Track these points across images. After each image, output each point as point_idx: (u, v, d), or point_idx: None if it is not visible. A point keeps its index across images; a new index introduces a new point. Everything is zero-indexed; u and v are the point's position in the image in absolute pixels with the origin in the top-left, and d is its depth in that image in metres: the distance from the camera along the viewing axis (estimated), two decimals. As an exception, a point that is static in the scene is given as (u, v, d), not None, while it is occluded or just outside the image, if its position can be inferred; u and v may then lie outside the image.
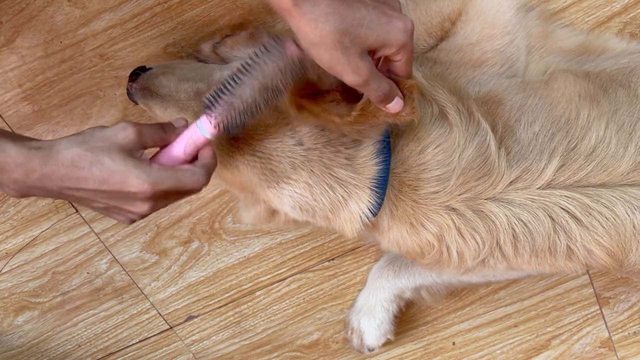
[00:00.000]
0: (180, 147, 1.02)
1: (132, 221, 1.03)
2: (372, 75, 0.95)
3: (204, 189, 1.48)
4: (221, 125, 1.01)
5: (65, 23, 1.36)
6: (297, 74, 1.01)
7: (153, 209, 0.99)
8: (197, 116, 1.19)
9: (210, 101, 1.02)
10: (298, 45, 0.97)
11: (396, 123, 1.10)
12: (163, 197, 0.98)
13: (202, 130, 1.02)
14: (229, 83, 1.01)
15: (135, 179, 0.94)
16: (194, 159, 1.04)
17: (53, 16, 1.35)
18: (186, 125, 1.04)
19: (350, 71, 0.94)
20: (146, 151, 1.01)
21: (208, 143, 1.04)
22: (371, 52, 0.96)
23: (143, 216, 1.00)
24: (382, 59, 1.01)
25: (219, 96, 1.01)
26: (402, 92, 1.01)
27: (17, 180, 0.92)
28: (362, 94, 1.01)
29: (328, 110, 1.04)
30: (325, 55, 0.93)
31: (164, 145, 1.03)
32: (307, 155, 1.12)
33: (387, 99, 0.99)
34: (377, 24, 0.92)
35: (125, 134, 0.96)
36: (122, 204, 0.98)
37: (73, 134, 0.97)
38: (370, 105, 1.01)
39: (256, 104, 1.01)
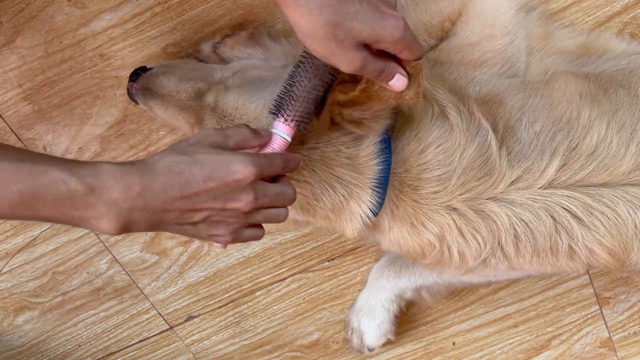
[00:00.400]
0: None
1: (234, 236, 0.99)
2: (368, 61, 0.95)
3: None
4: (299, 124, 1.04)
5: (65, 23, 1.36)
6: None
7: (256, 201, 0.95)
8: (199, 117, 1.20)
9: (276, 107, 1.05)
10: None
11: (402, 106, 1.10)
12: (262, 189, 0.96)
13: (281, 134, 1.04)
14: (285, 88, 1.04)
15: (238, 163, 0.92)
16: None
17: (53, 16, 1.35)
18: (269, 135, 1.04)
19: (344, 61, 0.94)
20: None
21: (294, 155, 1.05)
22: (367, 46, 0.96)
23: (251, 208, 0.96)
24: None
25: (281, 99, 1.04)
26: (406, 72, 1.00)
27: (117, 200, 0.88)
28: None
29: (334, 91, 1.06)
30: (319, 46, 0.94)
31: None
32: (308, 154, 1.12)
33: (387, 76, 0.99)
34: (371, 19, 0.92)
35: (211, 134, 0.96)
36: (227, 202, 0.94)
37: (164, 149, 0.95)
38: (375, 86, 1.02)
39: (316, 90, 1.04)
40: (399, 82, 1.00)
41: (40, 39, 1.37)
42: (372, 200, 1.14)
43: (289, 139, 1.05)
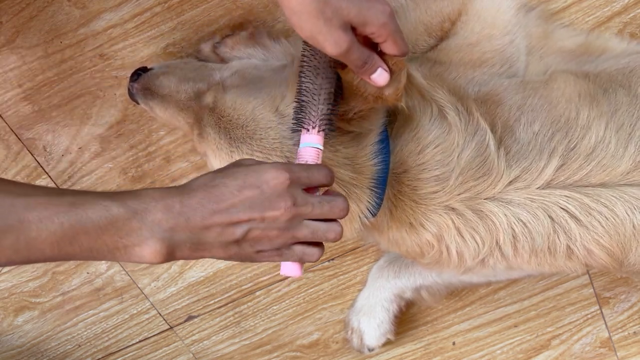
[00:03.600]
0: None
1: (280, 252, 0.95)
2: (354, 45, 0.95)
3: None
4: (326, 129, 1.03)
5: (65, 23, 1.36)
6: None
7: (295, 208, 0.91)
8: (198, 117, 1.20)
9: (295, 123, 1.03)
10: None
11: (385, 106, 1.10)
12: (304, 198, 0.92)
13: (311, 145, 1.02)
14: (295, 100, 1.04)
15: (271, 170, 0.90)
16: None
17: (53, 16, 1.35)
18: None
19: (331, 41, 0.94)
20: None
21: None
22: (354, 29, 0.96)
23: (287, 225, 0.92)
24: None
25: (296, 113, 1.03)
26: (389, 68, 1.01)
27: (160, 221, 0.87)
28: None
29: None
30: (307, 24, 0.93)
31: None
32: None
33: (370, 68, 0.99)
34: (359, 0, 0.93)
35: (244, 161, 0.95)
36: (264, 210, 0.90)
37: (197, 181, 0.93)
38: (356, 80, 1.02)
39: (324, 89, 1.03)
40: (381, 76, 1.00)
41: (40, 39, 1.37)
42: (370, 201, 1.14)
43: (321, 147, 1.02)
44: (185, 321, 1.76)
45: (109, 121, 1.47)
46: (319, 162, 1.02)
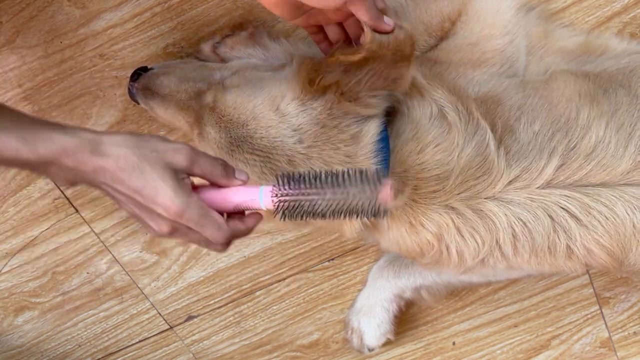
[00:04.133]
0: (234, 198, 0.99)
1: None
2: None
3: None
4: (280, 209, 0.98)
5: (65, 23, 1.36)
6: (373, 215, 0.97)
7: (171, 235, 0.97)
8: (199, 117, 1.20)
9: (285, 180, 0.98)
10: (394, 193, 0.96)
11: (403, 64, 1.11)
12: (183, 231, 0.97)
13: (260, 198, 0.99)
14: (311, 179, 0.97)
15: (166, 200, 0.93)
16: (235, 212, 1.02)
17: (53, 16, 1.35)
18: (245, 182, 1.02)
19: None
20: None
21: (258, 214, 1.03)
22: None
23: (161, 236, 0.98)
24: None
25: (295, 183, 0.97)
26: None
27: (67, 167, 0.92)
28: None
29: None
30: None
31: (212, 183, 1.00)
32: (307, 153, 1.12)
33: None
34: None
35: (179, 158, 0.95)
36: (145, 218, 0.96)
37: (131, 134, 0.95)
38: (370, 40, 1.06)
39: (321, 215, 0.98)
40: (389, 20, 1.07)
41: (40, 39, 1.37)
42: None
43: (264, 208, 0.99)
44: (185, 321, 1.76)
45: (109, 121, 1.47)
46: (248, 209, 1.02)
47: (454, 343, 1.80)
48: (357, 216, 0.97)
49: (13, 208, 1.56)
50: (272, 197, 0.97)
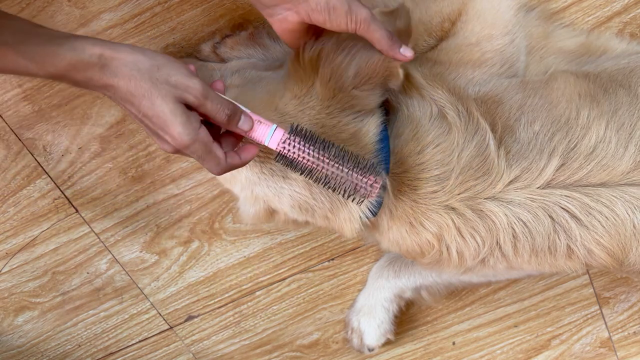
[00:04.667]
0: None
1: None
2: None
3: (203, 189, 1.49)
4: (281, 155, 1.05)
5: (65, 23, 1.36)
6: (350, 198, 1.07)
7: (174, 153, 1.02)
8: None
9: (297, 133, 1.05)
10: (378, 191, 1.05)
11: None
12: (185, 154, 1.01)
13: (269, 136, 1.05)
14: (319, 143, 1.05)
15: (174, 133, 0.97)
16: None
17: (53, 16, 1.35)
18: (247, 133, 1.05)
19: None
20: None
21: (254, 148, 1.07)
22: None
23: (164, 150, 1.03)
24: None
25: (305, 140, 1.05)
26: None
27: (78, 80, 0.96)
28: None
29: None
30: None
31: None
32: None
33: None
34: None
35: (190, 97, 0.98)
36: (152, 134, 1.01)
37: (143, 52, 0.97)
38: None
39: (311, 177, 1.06)
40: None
41: (40, 39, 1.37)
42: (371, 200, 1.14)
43: (266, 144, 1.06)
44: (185, 321, 1.76)
45: (109, 121, 1.47)
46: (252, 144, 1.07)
47: (454, 343, 1.80)
48: (337, 191, 1.06)
49: (13, 208, 1.55)
50: (280, 140, 1.04)
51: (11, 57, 0.93)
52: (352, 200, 1.07)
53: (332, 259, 1.68)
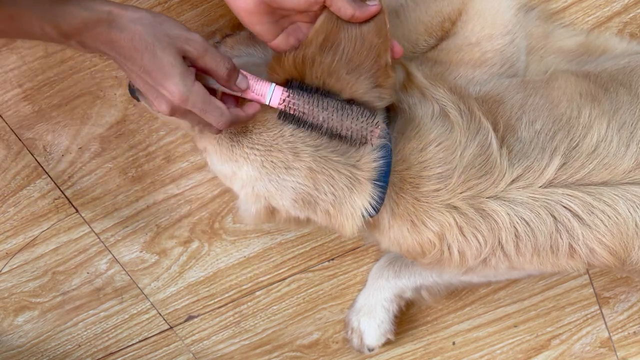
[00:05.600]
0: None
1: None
2: None
3: (203, 189, 1.48)
4: (283, 112, 1.08)
5: (66, 23, 1.36)
6: (352, 145, 1.12)
7: (171, 114, 1.03)
8: None
9: (299, 87, 1.08)
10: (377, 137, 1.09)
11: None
12: (184, 112, 1.03)
13: (269, 94, 1.07)
14: (319, 97, 1.07)
15: (173, 86, 0.99)
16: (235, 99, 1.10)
17: (54, 16, 1.35)
18: (243, 92, 1.08)
19: None
20: None
21: (257, 104, 1.09)
22: None
23: (160, 111, 1.04)
24: None
25: (305, 97, 1.07)
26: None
27: (86, 40, 0.99)
28: None
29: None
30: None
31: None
32: (309, 134, 1.12)
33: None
34: None
35: (190, 47, 1.00)
36: (150, 95, 1.02)
37: (148, 12, 1.00)
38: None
39: (313, 129, 1.09)
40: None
41: (40, 38, 1.37)
42: (373, 196, 1.14)
43: (267, 103, 1.08)
44: (185, 321, 1.76)
45: (109, 121, 1.46)
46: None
47: (454, 343, 1.80)
48: (342, 140, 1.10)
49: (13, 208, 1.55)
50: (281, 98, 1.07)
51: (26, 18, 0.97)
52: (358, 146, 1.11)
53: (332, 259, 1.68)
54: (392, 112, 1.21)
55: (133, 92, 1.26)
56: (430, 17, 1.31)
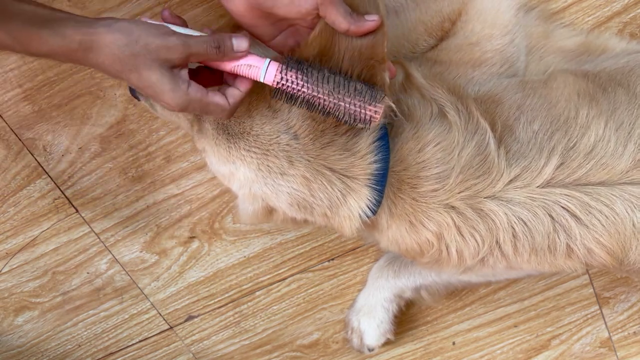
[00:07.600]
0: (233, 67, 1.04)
1: None
2: None
3: (203, 189, 1.49)
4: (278, 89, 1.04)
5: (66, 23, 1.36)
6: (353, 123, 1.05)
7: (181, 112, 1.05)
8: (199, 116, 1.19)
9: (292, 64, 1.03)
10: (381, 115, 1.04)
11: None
12: (190, 111, 1.03)
13: (264, 70, 1.03)
14: (316, 73, 1.03)
15: (168, 99, 0.99)
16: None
17: (53, 16, 1.35)
18: (245, 53, 1.04)
19: None
20: None
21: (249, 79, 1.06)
22: None
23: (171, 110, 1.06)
24: None
25: (300, 72, 1.03)
26: None
27: (69, 61, 0.98)
28: None
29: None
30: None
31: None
32: (304, 149, 1.12)
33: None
34: None
35: (173, 55, 0.98)
36: (153, 99, 1.03)
37: (120, 30, 0.96)
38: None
39: (312, 108, 1.05)
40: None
41: (40, 39, 1.37)
42: (370, 198, 1.14)
43: (263, 81, 1.04)
44: (185, 321, 1.76)
45: (109, 121, 1.47)
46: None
47: (454, 343, 1.80)
48: (341, 120, 1.05)
49: (13, 208, 1.56)
50: (276, 74, 1.02)
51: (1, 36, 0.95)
52: (358, 126, 1.07)
53: (332, 259, 1.68)
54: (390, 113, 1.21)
55: (133, 91, 1.27)
56: (430, 17, 1.31)
